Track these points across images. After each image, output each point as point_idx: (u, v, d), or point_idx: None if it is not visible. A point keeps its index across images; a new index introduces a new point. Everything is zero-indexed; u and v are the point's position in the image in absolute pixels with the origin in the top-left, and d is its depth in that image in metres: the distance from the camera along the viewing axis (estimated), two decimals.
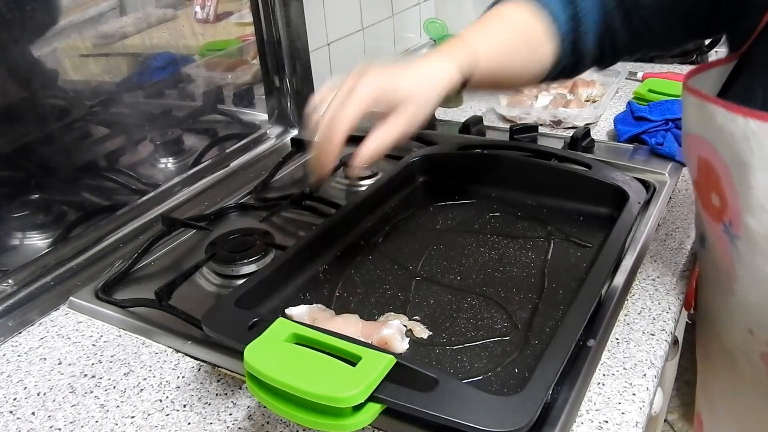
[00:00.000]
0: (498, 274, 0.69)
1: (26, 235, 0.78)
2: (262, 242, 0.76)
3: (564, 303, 0.63)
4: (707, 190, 0.60)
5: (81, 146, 0.82)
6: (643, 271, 0.70)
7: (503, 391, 0.53)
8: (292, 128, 1.12)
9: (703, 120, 0.56)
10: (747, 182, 0.53)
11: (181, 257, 0.80)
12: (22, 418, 0.57)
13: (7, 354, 0.66)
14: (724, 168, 0.56)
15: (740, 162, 0.53)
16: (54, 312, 0.71)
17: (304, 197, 0.87)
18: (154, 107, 0.92)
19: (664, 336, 0.61)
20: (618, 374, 0.57)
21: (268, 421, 0.55)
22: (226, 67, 1.04)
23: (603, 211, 0.77)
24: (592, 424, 0.52)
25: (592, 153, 0.95)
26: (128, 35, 0.85)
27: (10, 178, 0.75)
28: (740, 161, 0.53)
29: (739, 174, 0.54)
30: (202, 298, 0.71)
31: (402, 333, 0.59)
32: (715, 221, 0.61)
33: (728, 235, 0.59)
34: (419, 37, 1.53)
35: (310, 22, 1.06)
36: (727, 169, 0.55)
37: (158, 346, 0.65)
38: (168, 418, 0.56)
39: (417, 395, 0.46)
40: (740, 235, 0.57)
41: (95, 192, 0.85)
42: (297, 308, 0.62)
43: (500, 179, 0.84)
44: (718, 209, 0.59)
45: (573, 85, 1.17)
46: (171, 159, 0.96)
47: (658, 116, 0.96)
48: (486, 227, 0.78)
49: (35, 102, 0.76)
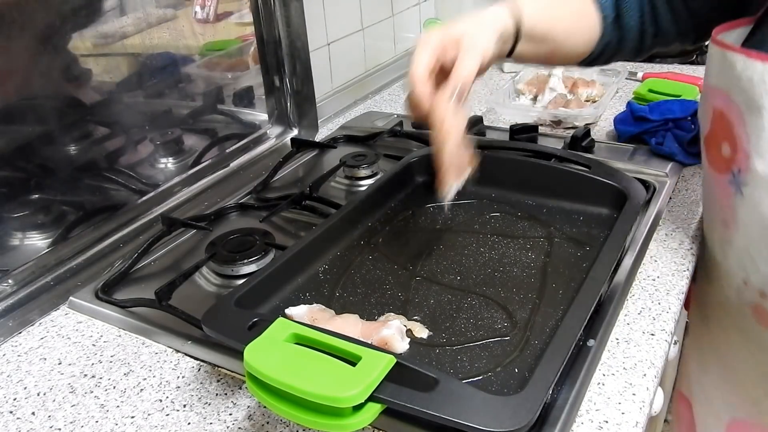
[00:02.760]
0: (498, 274, 0.69)
1: (26, 235, 0.78)
2: (262, 242, 0.76)
3: (564, 303, 0.63)
4: (718, 141, 0.64)
5: (81, 146, 0.82)
6: (643, 271, 0.70)
7: (503, 391, 0.53)
8: (292, 128, 1.12)
9: (724, 70, 0.61)
10: (760, 126, 0.58)
11: (181, 257, 0.80)
12: (22, 418, 0.57)
13: (7, 354, 0.66)
14: (738, 114, 0.60)
15: (755, 106, 0.58)
16: (54, 312, 0.71)
17: (304, 197, 0.87)
18: (154, 107, 0.92)
19: (664, 336, 0.61)
20: (618, 374, 0.57)
21: (268, 421, 0.55)
22: (226, 67, 1.04)
23: (603, 211, 0.77)
24: (592, 424, 0.52)
25: (592, 153, 0.95)
26: (128, 35, 0.85)
27: (10, 178, 0.75)
28: (755, 105, 0.58)
29: (753, 118, 0.58)
30: (202, 298, 0.71)
31: (402, 333, 0.59)
32: (721, 173, 0.65)
33: (734, 184, 0.63)
34: (419, 37, 1.52)
35: (310, 22, 1.06)
36: (741, 115, 0.60)
37: (158, 346, 0.65)
38: (168, 418, 0.56)
39: (417, 395, 0.46)
40: (747, 180, 0.61)
41: (95, 192, 0.85)
42: (297, 308, 0.62)
43: (500, 179, 0.84)
44: (727, 159, 0.63)
45: (573, 85, 1.17)
46: (171, 159, 0.96)
47: (658, 116, 0.96)
48: (486, 227, 0.78)
49: (35, 102, 0.76)
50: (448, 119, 0.60)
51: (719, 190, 0.66)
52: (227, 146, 1.04)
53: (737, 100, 0.60)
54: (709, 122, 0.66)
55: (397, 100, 1.30)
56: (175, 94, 0.95)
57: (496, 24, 0.64)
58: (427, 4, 1.53)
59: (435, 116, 0.60)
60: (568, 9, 0.71)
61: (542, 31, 0.69)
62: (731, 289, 0.70)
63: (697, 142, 0.91)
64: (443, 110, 0.60)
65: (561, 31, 0.71)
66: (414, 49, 0.61)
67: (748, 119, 0.59)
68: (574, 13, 0.71)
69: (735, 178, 0.62)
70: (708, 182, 0.70)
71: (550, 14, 0.70)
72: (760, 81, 0.57)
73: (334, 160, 0.98)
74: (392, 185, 0.84)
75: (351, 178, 0.94)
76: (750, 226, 0.63)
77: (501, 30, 0.65)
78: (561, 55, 0.73)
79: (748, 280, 0.66)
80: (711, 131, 0.66)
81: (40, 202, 0.78)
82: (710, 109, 0.65)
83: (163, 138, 0.94)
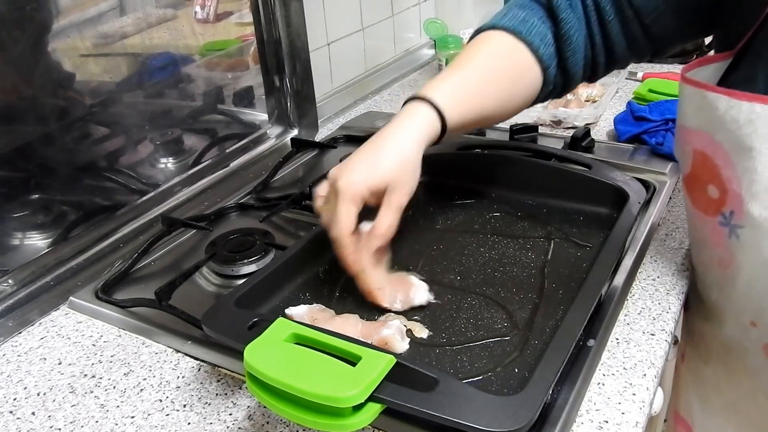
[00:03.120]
0: (498, 274, 0.69)
1: (26, 235, 0.78)
2: (262, 242, 0.76)
3: (564, 303, 0.63)
4: (702, 184, 0.61)
5: (81, 146, 0.82)
6: (643, 271, 0.70)
7: (503, 391, 0.53)
8: (292, 128, 1.12)
9: (703, 110, 0.57)
10: (752, 168, 0.54)
11: (181, 257, 0.80)
12: (22, 418, 0.57)
13: (7, 354, 0.66)
14: (724, 156, 0.57)
15: (744, 148, 0.54)
16: (54, 312, 0.71)
17: (304, 197, 0.87)
18: (154, 107, 0.92)
19: (664, 336, 0.61)
20: (618, 374, 0.57)
21: (268, 421, 0.55)
22: (226, 67, 1.04)
23: (603, 211, 0.77)
24: (592, 424, 0.52)
25: (592, 153, 0.95)
26: (128, 35, 0.85)
27: (10, 178, 0.75)
28: (744, 147, 0.54)
29: (743, 160, 0.55)
30: (202, 298, 0.71)
31: (402, 333, 0.59)
32: (709, 215, 0.61)
33: (728, 226, 0.59)
34: (419, 37, 1.53)
35: (310, 22, 1.06)
36: (728, 157, 0.56)
37: (158, 346, 0.65)
38: (168, 418, 0.56)
39: (417, 395, 0.46)
40: (743, 223, 0.57)
41: (95, 192, 0.85)
42: (297, 308, 0.62)
43: (500, 179, 0.84)
44: (716, 201, 0.60)
45: None
46: (171, 159, 0.96)
47: (658, 116, 0.96)
48: (486, 227, 0.78)
49: (35, 102, 0.76)
50: (367, 270, 0.62)
51: (709, 230, 0.63)
52: (227, 146, 1.04)
53: (722, 142, 0.56)
54: (690, 164, 0.62)
55: (397, 100, 1.30)
56: (175, 94, 0.95)
57: (418, 154, 0.63)
58: (427, 4, 1.53)
59: (355, 268, 0.62)
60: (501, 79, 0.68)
61: (473, 117, 0.67)
62: (736, 329, 0.66)
63: None
64: (364, 262, 0.62)
65: (494, 105, 0.68)
66: (340, 200, 0.60)
67: (737, 161, 0.55)
68: (510, 78, 0.68)
69: (727, 220, 0.59)
70: (695, 223, 0.66)
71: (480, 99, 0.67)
72: (747, 122, 0.53)
73: (334, 160, 0.98)
74: None
75: None
76: (753, 267, 0.59)
77: (426, 142, 0.64)
78: (497, 119, 0.72)
79: (757, 320, 0.63)
80: (692, 173, 0.62)
81: (40, 202, 0.78)
82: (689, 150, 0.61)
83: (163, 138, 0.94)
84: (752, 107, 0.53)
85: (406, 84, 1.39)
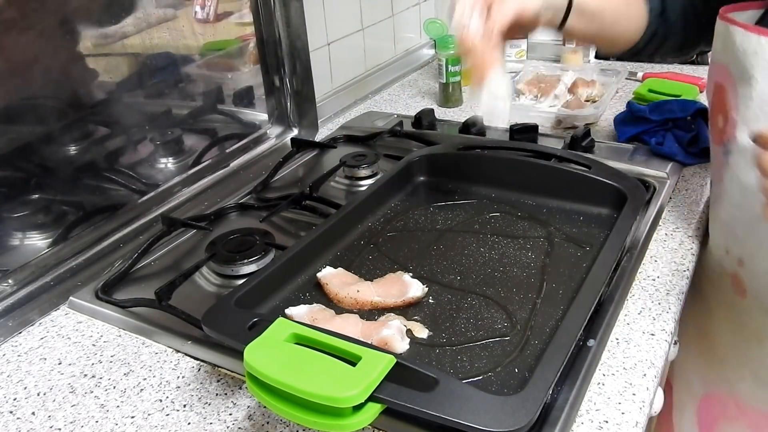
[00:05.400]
0: (498, 274, 0.69)
1: (26, 235, 0.78)
2: (262, 242, 0.76)
3: (564, 303, 0.63)
4: (715, 114, 0.67)
5: (81, 146, 0.82)
6: (643, 271, 0.70)
7: (503, 391, 0.53)
8: (292, 128, 1.12)
9: (726, 44, 0.63)
10: (748, 95, 0.61)
11: (181, 257, 0.80)
12: (22, 418, 0.57)
13: (7, 354, 0.66)
14: (732, 85, 0.63)
15: (747, 77, 0.60)
16: (54, 312, 0.71)
17: (304, 197, 0.87)
18: (154, 107, 0.92)
19: (664, 336, 0.61)
20: (618, 374, 0.57)
21: (268, 421, 0.55)
22: (226, 67, 1.04)
23: (603, 211, 0.77)
24: (592, 424, 0.52)
25: (592, 153, 0.95)
26: (128, 35, 0.85)
27: (10, 178, 0.75)
28: (747, 76, 0.60)
29: (743, 88, 0.61)
30: (202, 298, 0.71)
31: (402, 333, 0.59)
32: (717, 144, 0.67)
33: (725, 156, 0.65)
34: (419, 37, 1.53)
35: (310, 22, 1.06)
36: (735, 86, 0.62)
37: (158, 346, 0.65)
38: (168, 418, 0.56)
39: (417, 395, 0.46)
40: (732, 149, 0.64)
41: (95, 192, 0.85)
42: (297, 308, 0.62)
43: (500, 179, 0.84)
44: (721, 130, 0.66)
45: (573, 85, 1.17)
46: (171, 159, 0.96)
47: (658, 116, 0.96)
48: (486, 227, 0.78)
49: (35, 102, 0.76)
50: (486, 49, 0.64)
51: (716, 162, 0.69)
52: (227, 146, 1.04)
53: (734, 72, 0.62)
54: (712, 96, 0.68)
55: (397, 100, 1.30)
56: (175, 94, 0.95)
57: None
58: (427, 4, 1.53)
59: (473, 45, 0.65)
60: None
61: (593, 8, 0.72)
62: (715, 259, 0.73)
63: (697, 142, 0.91)
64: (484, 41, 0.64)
65: (611, 13, 0.74)
66: None
67: (740, 89, 0.62)
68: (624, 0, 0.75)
69: (725, 147, 0.65)
70: (712, 158, 0.72)
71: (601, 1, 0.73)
72: (753, 53, 0.59)
73: (334, 160, 0.98)
74: (392, 185, 0.84)
75: (351, 178, 0.94)
76: (732, 194, 0.66)
77: None
78: (609, 37, 0.77)
79: (729, 248, 0.69)
80: (711, 105, 0.69)
81: (40, 202, 0.78)
82: (712, 83, 0.68)
83: (163, 138, 0.94)
84: (759, 39, 0.59)
85: (406, 84, 1.39)
